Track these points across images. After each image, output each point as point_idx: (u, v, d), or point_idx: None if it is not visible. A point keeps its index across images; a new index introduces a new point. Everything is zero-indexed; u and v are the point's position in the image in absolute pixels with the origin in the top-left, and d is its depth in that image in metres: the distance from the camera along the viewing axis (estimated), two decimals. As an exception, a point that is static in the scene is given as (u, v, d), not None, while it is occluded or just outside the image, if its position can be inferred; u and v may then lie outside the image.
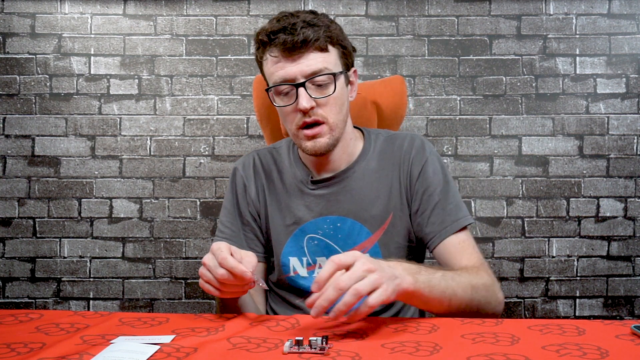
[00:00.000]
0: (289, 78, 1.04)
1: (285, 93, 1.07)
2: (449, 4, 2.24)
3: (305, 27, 1.02)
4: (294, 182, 1.18)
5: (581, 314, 2.25)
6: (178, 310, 2.24)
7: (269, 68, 1.07)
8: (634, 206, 2.24)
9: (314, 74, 1.04)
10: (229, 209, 1.21)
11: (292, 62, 1.04)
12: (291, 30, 1.02)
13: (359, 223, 1.14)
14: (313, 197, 1.15)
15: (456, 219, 1.10)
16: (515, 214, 2.25)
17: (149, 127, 2.25)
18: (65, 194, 2.25)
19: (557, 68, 2.24)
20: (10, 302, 2.24)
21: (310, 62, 1.03)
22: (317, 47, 1.04)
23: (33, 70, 2.23)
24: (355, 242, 1.14)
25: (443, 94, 2.25)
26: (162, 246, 2.25)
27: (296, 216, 1.16)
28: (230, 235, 1.18)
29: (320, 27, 1.04)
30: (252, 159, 1.22)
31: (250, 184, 1.20)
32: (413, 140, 1.17)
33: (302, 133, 1.07)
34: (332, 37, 1.06)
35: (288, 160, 1.20)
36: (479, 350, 0.73)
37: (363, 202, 1.14)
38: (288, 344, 0.72)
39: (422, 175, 1.13)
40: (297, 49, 1.02)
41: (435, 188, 1.12)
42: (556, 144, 2.24)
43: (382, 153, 1.17)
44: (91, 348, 0.73)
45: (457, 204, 1.12)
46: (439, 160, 1.16)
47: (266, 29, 1.06)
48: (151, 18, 2.24)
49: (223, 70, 2.24)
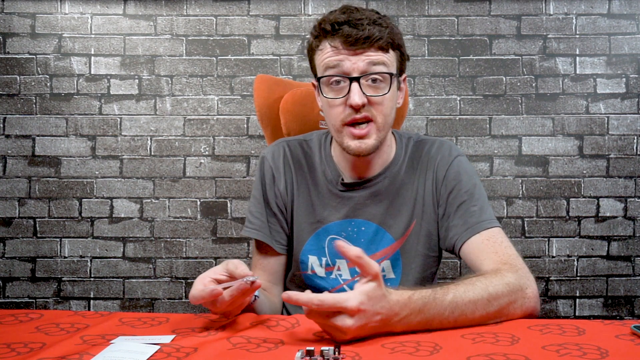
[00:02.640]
0: (345, 70, 1.02)
1: (336, 85, 1.04)
2: (449, 4, 2.24)
3: (370, 25, 1.01)
4: (324, 181, 1.16)
5: (581, 314, 2.25)
6: (178, 310, 2.24)
7: (324, 57, 1.04)
8: (634, 206, 2.24)
9: (371, 67, 1.02)
10: (258, 199, 1.17)
11: (352, 55, 1.02)
12: (356, 24, 1.01)
13: (384, 229, 1.13)
14: (341, 199, 1.14)
15: (479, 220, 1.06)
16: (515, 214, 2.25)
17: (150, 127, 2.25)
18: (66, 194, 2.25)
19: (557, 68, 2.24)
20: (11, 302, 2.24)
21: (371, 58, 1.02)
22: (379, 47, 1.03)
23: (33, 70, 2.24)
24: (377, 247, 1.12)
25: (443, 94, 2.25)
26: (162, 246, 2.25)
27: (321, 215, 1.14)
28: (259, 226, 1.15)
29: (385, 28, 1.03)
30: (283, 149, 1.18)
31: (279, 176, 1.16)
32: (441, 145, 1.16)
33: (348, 130, 1.04)
34: (393, 40, 1.05)
35: (319, 157, 1.17)
36: (479, 350, 0.73)
37: (390, 208, 1.13)
38: (299, 354, 0.70)
39: (446, 178, 1.11)
40: (359, 44, 1.01)
41: (459, 190, 1.10)
42: (556, 144, 2.24)
43: (411, 159, 1.16)
44: (91, 348, 0.73)
45: (482, 206, 1.08)
46: (466, 163, 1.14)
47: (330, 19, 1.03)
48: (151, 18, 2.24)
49: (223, 70, 2.24)
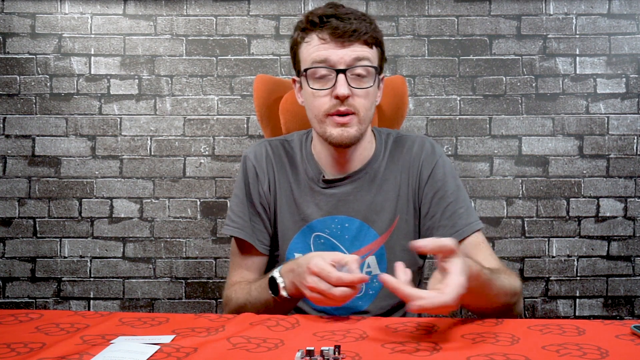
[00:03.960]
0: (331, 62, 1.05)
1: (321, 77, 1.07)
2: (449, 4, 2.24)
3: (357, 20, 1.06)
4: (305, 179, 1.17)
5: (581, 314, 2.25)
6: (178, 310, 2.24)
7: (310, 49, 1.07)
8: (634, 206, 2.24)
9: (357, 60, 1.05)
10: (241, 198, 1.18)
11: (339, 48, 1.05)
12: (344, 18, 1.05)
13: (367, 225, 1.14)
14: (323, 195, 1.15)
15: (468, 222, 1.09)
16: (515, 214, 2.25)
17: (149, 127, 2.25)
18: (66, 194, 2.25)
19: (557, 68, 2.24)
20: (11, 302, 2.24)
21: (357, 51, 1.05)
22: (364, 41, 1.06)
23: (33, 70, 2.24)
24: (362, 243, 1.14)
25: (443, 94, 2.25)
26: (162, 246, 2.25)
27: (305, 213, 1.15)
28: (241, 225, 1.16)
29: (370, 24, 1.08)
30: (265, 148, 1.20)
31: (262, 175, 1.18)
32: (423, 142, 1.18)
33: (331, 119, 1.07)
34: (377, 37, 1.10)
35: (300, 155, 1.19)
36: (479, 350, 0.73)
37: (373, 204, 1.14)
38: (299, 354, 0.71)
39: (431, 178, 1.13)
40: (346, 37, 1.04)
41: (445, 191, 1.12)
42: (556, 144, 2.24)
43: (392, 155, 1.18)
44: (91, 348, 0.73)
45: (468, 207, 1.12)
46: (449, 163, 1.16)
47: (318, 12, 1.07)
48: (151, 18, 2.24)
49: (223, 70, 2.24)
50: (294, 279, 0.93)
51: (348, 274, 0.85)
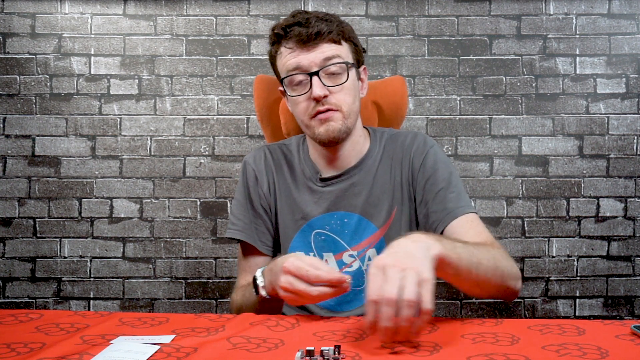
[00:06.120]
0: (303, 67, 1.08)
1: (298, 83, 1.10)
2: (449, 4, 2.24)
3: (319, 21, 1.09)
4: (303, 179, 1.20)
5: (581, 314, 2.25)
6: (178, 310, 2.24)
7: (283, 60, 1.11)
8: (634, 206, 2.24)
9: (327, 60, 1.08)
10: (241, 202, 1.22)
11: (307, 52, 1.08)
12: (306, 23, 1.08)
13: (366, 219, 1.16)
14: (321, 193, 1.18)
15: (458, 206, 1.10)
16: (515, 214, 2.25)
17: (149, 127, 2.25)
18: (66, 194, 2.25)
19: (557, 68, 2.24)
20: (11, 302, 2.24)
21: (324, 50, 1.08)
22: (331, 39, 1.09)
23: (33, 70, 2.24)
24: (361, 237, 1.16)
25: (443, 94, 2.25)
26: (162, 246, 2.25)
27: (304, 211, 1.18)
28: (242, 227, 1.20)
29: (333, 22, 1.10)
30: (263, 153, 1.24)
31: (262, 178, 1.22)
32: (415, 136, 1.20)
33: (316, 120, 1.10)
34: (344, 32, 1.12)
35: (297, 157, 1.23)
36: (479, 350, 0.73)
37: (370, 198, 1.17)
38: (299, 354, 0.70)
39: (423, 166, 1.15)
40: (311, 40, 1.08)
41: (437, 178, 1.13)
42: (556, 144, 2.24)
43: (386, 150, 1.20)
44: (91, 348, 0.73)
45: (459, 193, 1.12)
46: (441, 152, 1.18)
47: (281, 24, 1.11)
48: (151, 18, 2.24)
49: (223, 70, 2.24)
50: (271, 278, 0.94)
51: (327, 273, 0.85)
